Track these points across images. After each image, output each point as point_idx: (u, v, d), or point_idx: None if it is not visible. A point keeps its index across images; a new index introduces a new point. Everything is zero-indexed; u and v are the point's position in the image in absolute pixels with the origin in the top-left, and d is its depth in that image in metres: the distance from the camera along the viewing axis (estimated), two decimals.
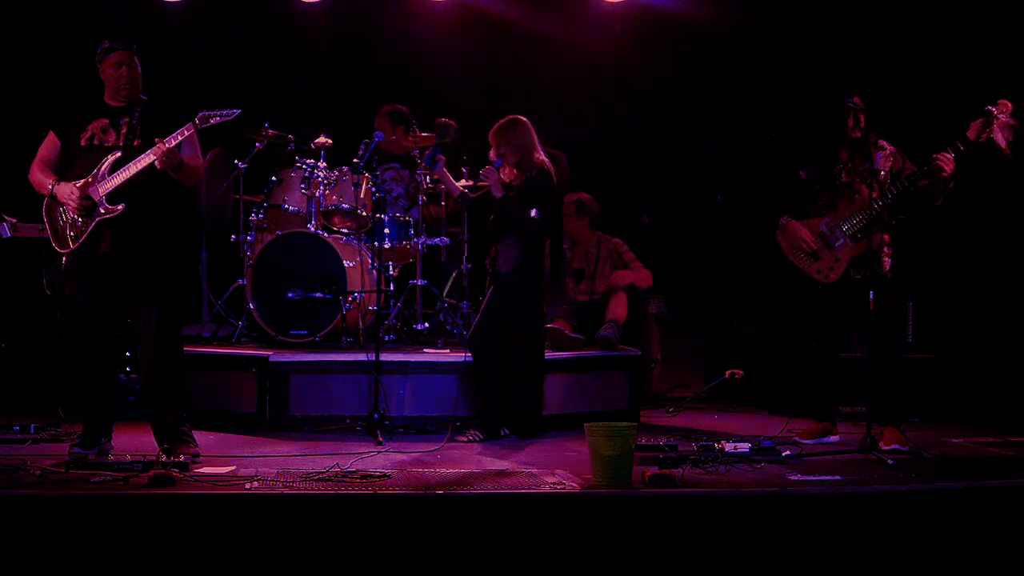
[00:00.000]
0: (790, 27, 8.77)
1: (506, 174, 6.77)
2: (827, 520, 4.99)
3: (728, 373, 8.33)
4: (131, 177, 5.66)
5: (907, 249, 7.20)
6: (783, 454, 5.99)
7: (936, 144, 6.26)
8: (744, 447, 5.91)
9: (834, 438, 6.62)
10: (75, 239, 5.76)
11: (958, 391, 7.83)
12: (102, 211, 5.70)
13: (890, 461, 5.87)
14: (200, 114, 5.67)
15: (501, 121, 6.78)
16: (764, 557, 4.85)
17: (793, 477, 5.50)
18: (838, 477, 5.49)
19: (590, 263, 8.31)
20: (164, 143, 5.59)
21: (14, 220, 7.10)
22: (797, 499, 5.08)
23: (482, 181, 6.89)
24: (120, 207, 5.67)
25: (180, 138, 5.66)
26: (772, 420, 7.54)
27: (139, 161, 5.66)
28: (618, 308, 7.97)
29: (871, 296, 6.22)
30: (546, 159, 6.77)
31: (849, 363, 6.74)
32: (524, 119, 6.77)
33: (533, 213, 6.65)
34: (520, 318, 6.75)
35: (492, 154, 6.77)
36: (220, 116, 5.68)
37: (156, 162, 5.60)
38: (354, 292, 7.42)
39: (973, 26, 8.22)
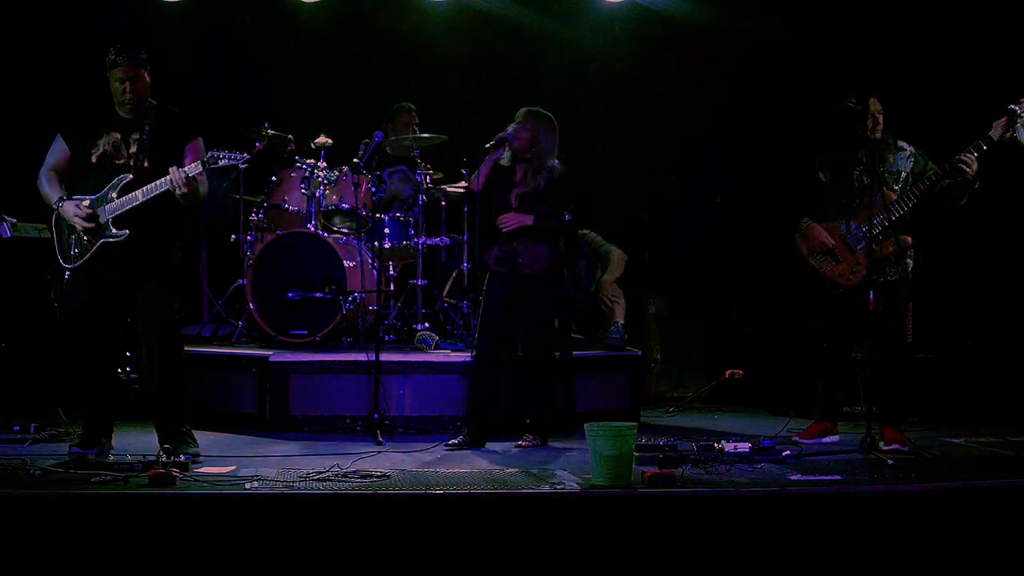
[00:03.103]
0: (799, 28, 8.74)
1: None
2: (827, 520, 4.98)
3: (728, 373, 8.33)
4: (139, 204, 5.66)
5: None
6: (783, 454, 6.00)
7: (955, 143, 6.20)
8: (744, 447, 5.92)
9: (834, 438, 6.61)
10: (79, 256, 5.75)
11: (958, 391, 7.81)
12: (107, 235, 5.70)
13: (890, 461, 5.87)
14: (209, 153, 5.65)
15: (539, 109, 6.56)
16: (764, 557, 4.85)
17: (793, 477, 5.50)
18: (838, 477, 5.49)
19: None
20: (180, 172, 5.56)
21: (14, 220, 7.10)
22: (797, 499, 5.07)
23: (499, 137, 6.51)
24: (125, 233, 5.67)
25: (195, 172, 5.62)
26: (772, 420, 7.54)
27: (150, 190, 5.63)
28: (618, 311, 8.03)
29: (871, 296, 6.18)
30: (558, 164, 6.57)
31: (850, 363, 6.72)
32: (556, 124, 6.54)
33: (567, 216, 6.57)
34: (547, 319, 6.58)
35: (512, 127, 6.50)
36: (228, 159, 5.66)
37: (177, 191, 5.57)
38: (354, 292, 7.43)
39: (988, 24, 8.18)
